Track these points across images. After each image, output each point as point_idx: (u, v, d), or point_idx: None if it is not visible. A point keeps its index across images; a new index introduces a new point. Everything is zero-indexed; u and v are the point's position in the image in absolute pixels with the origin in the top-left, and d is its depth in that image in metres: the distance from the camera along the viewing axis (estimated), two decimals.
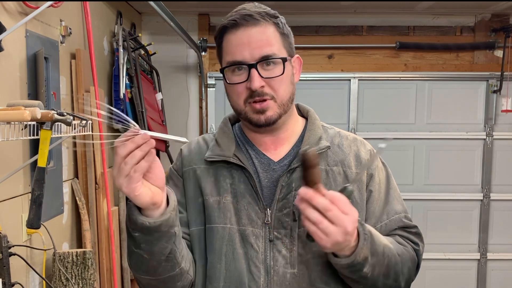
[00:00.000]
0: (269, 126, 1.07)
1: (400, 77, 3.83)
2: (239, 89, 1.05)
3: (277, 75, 1.04)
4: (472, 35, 3.83)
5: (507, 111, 3.78)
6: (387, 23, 3.82)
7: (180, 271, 1.02)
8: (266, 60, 1.03)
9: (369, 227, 1.00)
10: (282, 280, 1.04)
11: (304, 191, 0.90)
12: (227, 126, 1.16)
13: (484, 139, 3.86)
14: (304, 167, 0.89)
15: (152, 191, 0.90)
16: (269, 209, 1.06)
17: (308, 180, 0.90)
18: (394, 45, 3.77)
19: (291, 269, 1.04)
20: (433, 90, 3.84)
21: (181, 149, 1.21)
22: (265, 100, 1.04)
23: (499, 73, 3.73)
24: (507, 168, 3.86)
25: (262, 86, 1.03)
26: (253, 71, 1.02)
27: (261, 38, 1.03)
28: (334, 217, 0.89)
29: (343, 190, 0.95)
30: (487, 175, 3.86)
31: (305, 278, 1.04)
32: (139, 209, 0.93)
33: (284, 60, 1.05)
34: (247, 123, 1.09)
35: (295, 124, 1.15)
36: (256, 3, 1.09)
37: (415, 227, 1.14)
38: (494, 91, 3.78)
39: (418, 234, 1.14)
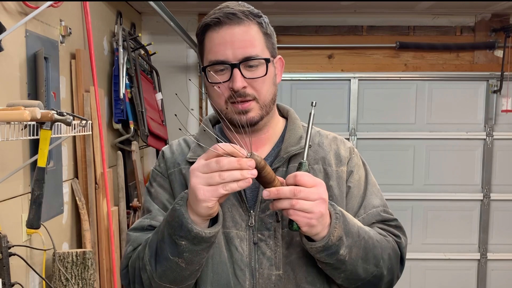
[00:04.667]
0: (251, 127, 1.05)
1: (400, 77, 3.83)
2: (221, 89, 1.03)
3: (260, 76, 1.02)
4: (472, 35, 3.83)
5: (507, 111, 3.78)
6: (387, 23, 3.82)
7: (195, 280, 1.02)
8: (249, 60, 1.01)
9: (339, 207, 0.99)
10: (267, 282, 1.03)
11: (266, 194, 0.89)
12: (208, 127, 1.15)
13: (484, 139, 3.86)
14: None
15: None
16: (253, 211, 1.05)
17: (264, 183, 0.90)
18: (394, 45, 3.77)
19: (276, 270, 1.03)
20: (433, 90, 3.84)
21: (162, 151, 1.20)
22: (247, 101, 1.03)
23: (499, 73, 3.73)
24: (507, 168, 3.86)
25: (245, 87, 1.01)
26: (236, 71, 1.00)
27: (245, 38, 1.02)
28: (305, 194, 0.89)
29: (299, 168, 0.95)
30: (487, 175, 3.86)
31: (291, 279, 1.04)
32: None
33: (267, 61, 1.03)
34: (228, 123, 1.06)
35: (276, 125, 1.14)
36: (240, 2, 1.08)
37: (395, 220, 1.13)
38: (494, 91, 3.78)
39: (399, 227, 1.13)
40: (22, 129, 1.40)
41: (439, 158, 3.85)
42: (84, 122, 1.71)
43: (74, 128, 1.65)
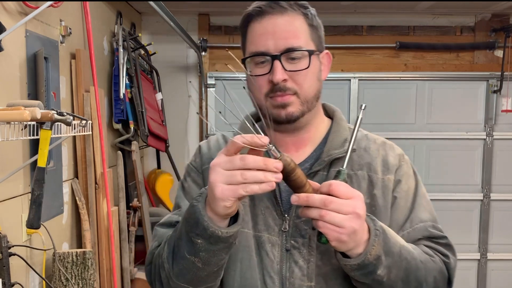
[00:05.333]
0: (290, 123, 0.98)
1: (400, 77, 3.83)
2: (260, 81, 0.97)
3: (301, 68, 0.96)
4: (472, 35, 3.83)
5: (507, 111, 3.78)
6: (387, 23, 3.82)
7: (216, 283, 0.96)
8: (291, 52, 0.95)
9: (381, 223, 0.90)
10: None
11: (294, 199, 0.83)
12: (248, 124, 1.08)
13: (484, 139, 3.85)
14: (283, 176, 0.81)
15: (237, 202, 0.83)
16: (287, 215, 0.98)
17: (294, 187, 0.83)
18: (394, 45, 3.77)
19: (308, 282, 0.96)
20: (433, 90, 3.84)
21: (199, 146, 1.15)
22: (287, 95, 0.96)
23: (499, 73, 3.73)
24: (507, 168, 3.86)
25: (285, 80, 0.95)
26: (276, 63, 0.94)
27: (288, 29, 0.95)
28: (337, 206, 0.81)
29: (337, 176, 0.87)
30: (487, 175, 3.86)
31: None
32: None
33: (310, 53, 0.96)
34: (267, 120, 0.98)
35: (320, 125, 1.07)
36: None
37: (444, 237, 1.02)
38: (494, 91, 3.78)
39: (448, 246, 1.02)
40: (22, 129, 1.40)
41: (439, 158, 3.86)
42: (84, 122, 1.71)
43: (74, 128, 1.65)
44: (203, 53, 3.78)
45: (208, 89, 3.83)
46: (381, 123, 3.81)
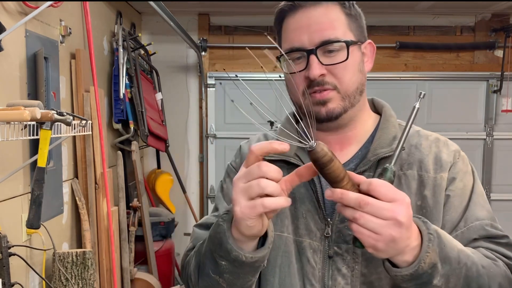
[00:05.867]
0: (331, 121, 0.92)
1: (400, 77, 3.83)
2: (297, 79, 0.90)
3: (339, 61, 0.89)
4: (472, 35, 3.83)
5: (507, 111, 3.78)
6: (387, 23, 3.82)
7: None
8: (327, 44, 0.89)
9: (435, 226, 0.80)
10: None
11: (328, 193, 0.75)
12: (290, 123, 0.99)
13: (484, 139, 3.86)
14: (317, 169, 0.74)
15: (263, 219, 0.76)
16: (330, 220, 0.91)
17: (330, 181, 0.75)
18: (394, 45, 3.77)
19: None
20: (433, 90, 3.84)
21: (240, 146, 1.10)
22: (325, 90, 0.90)
23: (499, 73, 3.73)
24: (507, 168, 3.86)
25: (323, 75, 0.89)
26: (312, 57, 0.88)
27: (322, 20, 0.89)
28: (374, 209, 0.71)
29: (383, 174, 0.78)
30: (487, 175, 3.86)
31: None
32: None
33: (349, 44, 0.90)
34: (308, 118, 0.89)
35: (366, 121, 0.99)
36: None
37: (505, 236, 0.91)
38: (494, 91, 3.78)
39: (511, 246, 0.91)
40: (22, 129, 1.40)
41: None
42: (84, 122, 1.71)
43: (74, 128, 1.65)
44: (203, 53, 3.78)
45: (208, 89, 3.83)
46: None
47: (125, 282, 2.69)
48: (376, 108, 1.04)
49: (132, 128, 2.94)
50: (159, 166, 3.75)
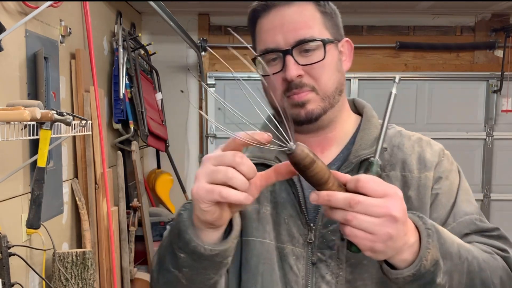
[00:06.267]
0: (311, 123, 0.89)
1: (400, 77, 3.82)
2: (274, 81, 0.87)
3: (316, 60, 0.86)
4: (472, 35, 3.83)
5: (507, 111, 3.78)
6: (387, 23, 3.82)
7: None
8: (303, 44, 0.86)
9: (431, 221, 0.76)
10: None
11: (314, 197, 0.69)
12: (268, 127, 0.91)
13: (484, 139, 3.86)
14: (299, 172, 0.69)
15: (222, 209, 0.70)
16: (313, 225, 0.87)
17: (314, 184, 0.69)
18: (394, 45, 3.77)
19: None
20: (433, 90, 3.84)
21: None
22: (304, 92, 0.87)
23: (499, 73, 3.73)
24: (507, 168, 3.86)
25: (300, 75, 0.86)
26: (288, 58, 0.85)
27: (297, 19, 0.86)
28: (365, 207, 0.66)
29: (368, 169, 0.73)
30: (487, 175, 3.86)
31: None
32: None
33: (325, 42, 0.87)
34: (287, 121, 0.83)
35: (346, 122, 0.96)
36: None
37: (497, 229, 0.88)
38: (494, 91, 3.78)
39: (503, 238, 0.88)
40: (22, 129, 1.40)
41: None
42: (84, 122, 1.71)
43: (74, 128, 1.65)
44: (203, 53, 3.78)
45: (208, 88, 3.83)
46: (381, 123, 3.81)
47: (125, 282, 2.69)
48: (357, 109, 1.01)
49: (132, 128, 2.94)
50: (159, 166, 3.75)
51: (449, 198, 0.89)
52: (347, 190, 0.69)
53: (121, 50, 2.90)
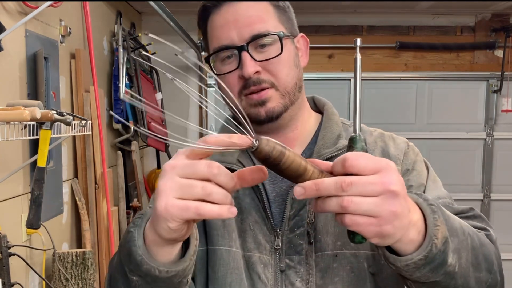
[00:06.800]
0: (272, 121, 0.85)
1: (400, 77, 3.83)
2: (230, 80, 0.84)
3: (274, 55, 0.83)
4: (472, 35, 3.83)
5: (507, 111, 3.78)
6: (387, 23, 3.82)
7: None
8: (258, 39, 0.82)
9: (430, 196, 0.69)
10: None
11: (299, 191, 0.60)
12: (227, 129, 0.89)
13: (485, 139, 3.86)
14: (271, 168, 0.61)
15: (188, 227, 0.63)
16: (279, 230, 0.84)
17: (291, 177, 0.61)
18: (394, 45, 3.77)
19: None
20: (433, 90, 3.84)
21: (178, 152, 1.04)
22: (263, 89, 0.83)
23: (500, 73, 3.73)
24: (507, 168, 3.86)
25: (257, 72, 0.82)
26: (244, 54, 0.81)
27: (251, 14, 0.82)
28: (361, 187, 0.58)
29: (352, 146, 0.65)
30: (487, 175, 3.86)
31: None
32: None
33: (281, 36, 0.83)
34: (246, 122, 0.75)
35: (307, 121, 0.92)
36: None
37: (471, 209, 0.84)
38: (495, 91, 3.78)
39: (480, 217, 0.83)
40: (22, 129, 1.40)
41: (439, 158, 3.85)
42: (84, 122, 1.71)
43: (74, 128, 1.65)
44: (203, 53, 3.78)
45: (208, 89, 3.83)
46: (381, 123, 3.79)
47: None
48: (317, 107, 0.97)
49: (132, 128, 2.94)
50: (159, 166, 3.75)
51: (419, 186, 0.86)
52: (334, 175, 0.61)
53: (121, 50, 2.90)
